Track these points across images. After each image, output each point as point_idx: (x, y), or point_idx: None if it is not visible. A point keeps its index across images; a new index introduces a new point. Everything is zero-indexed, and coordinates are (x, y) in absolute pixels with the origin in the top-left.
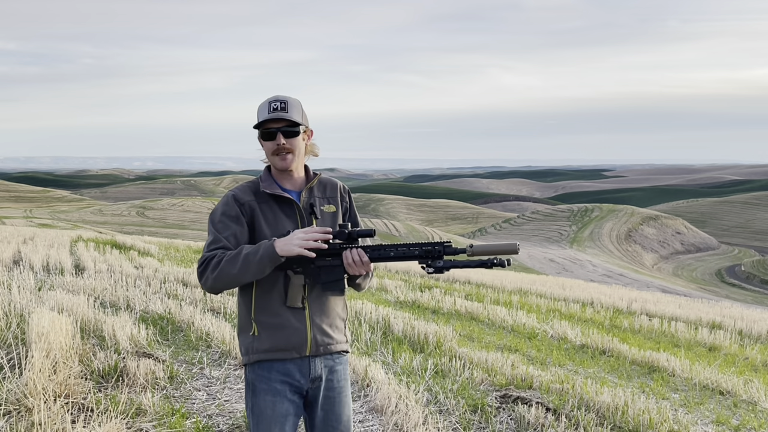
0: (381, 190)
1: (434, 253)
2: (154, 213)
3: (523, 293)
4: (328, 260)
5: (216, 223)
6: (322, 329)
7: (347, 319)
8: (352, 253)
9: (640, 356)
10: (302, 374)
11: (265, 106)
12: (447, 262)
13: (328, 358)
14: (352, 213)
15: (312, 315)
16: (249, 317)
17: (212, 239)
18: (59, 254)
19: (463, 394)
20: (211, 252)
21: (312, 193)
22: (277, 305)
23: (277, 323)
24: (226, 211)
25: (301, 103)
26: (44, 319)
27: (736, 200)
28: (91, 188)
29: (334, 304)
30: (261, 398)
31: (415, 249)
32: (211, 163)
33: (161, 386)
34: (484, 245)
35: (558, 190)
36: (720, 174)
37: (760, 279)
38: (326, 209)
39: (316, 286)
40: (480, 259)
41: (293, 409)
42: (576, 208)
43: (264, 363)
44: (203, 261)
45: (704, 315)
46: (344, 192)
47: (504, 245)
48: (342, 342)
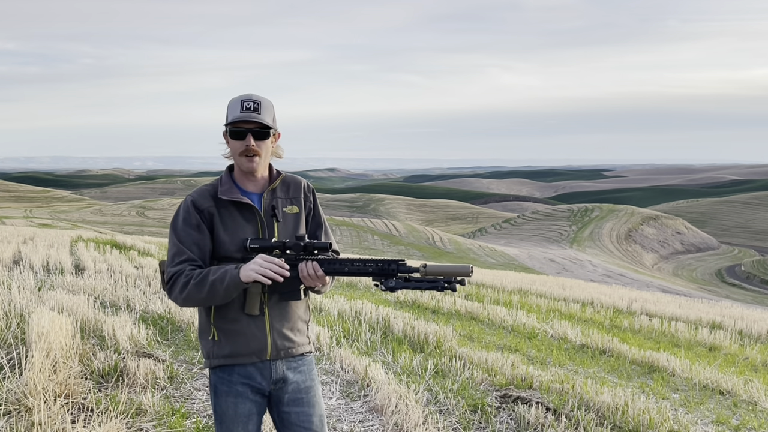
0: (381, 190)
1: (388, 271)
2: (154, 213)
3: (523, 293)
4: None
5: (178, 232)
6: (283, 334)
7: (310, 321)
8: (307, 266)
9: (640, 356)
10: (263, 377)
11: (237, 103)
12: (399, 282)
13: (290, 361)
14: (316, 212)
15: (272, 320)
16: (209, 322)
17: (175, 251)
18: (59, 254)
19: (463, 394)
20: (176, 267)
21: (275, 194)
22: (235, 312)
23: (237, 329)
24: (186, 218)
25: (273, 105)
26: (44, 319)
27: (736, 200)
28: (91, 188)
29: (295, 308)
30: (223, 399)
31: (369, 266)
32: (211, 163)
33: (161, 386)
34: (437, 266)
35: (558, 190)
36: (720, 174)
37: (760, 279)
38: (288, 210)
39: (274, 294)
40: (434, 279)
41: (256, 408)
42: (576, 208)
43: (225, 367)
44: (171, 277)
45: (704, 315)
46: (308, 191)
47: (457, 267)
48: (304, 344)
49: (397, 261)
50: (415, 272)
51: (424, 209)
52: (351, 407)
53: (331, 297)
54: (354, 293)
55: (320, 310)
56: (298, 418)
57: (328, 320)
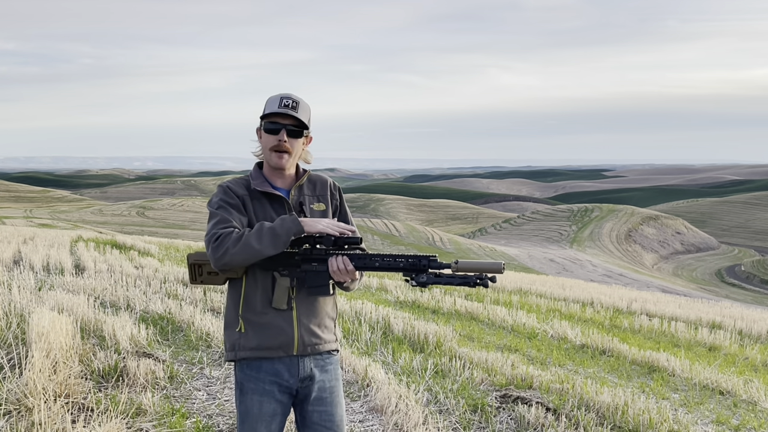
0: (381, 190)
1: (419, 266)
2: (154, 213)
3: (523, 293)
4: (314, 265)
5: (220, 207)
6: (310, 329)
7: (337, 318)
8: (337, 261)
9: (640, 356)
10: (291, 374)
11: (276, 99)
12: (430, 278)
13: (317, 358)
14: (342, 211)
15: (300, 315)
16: (236, 314)
17: (219, 218)
18: (59, 254)
19: (463, 394)
20: (223, 229)
21: (302, 191)
22: (264, 305)
23: (264, 322)
24: (225, 198)
25: (311, 109)
26: (44, 319)
27: (736, 200)
28: (91, 188)
29: (323, 303)
30: (249, 397)
31: (400, 261)
32: (211, 163)
33: (161, 386)
34: (469, 262)
35: (558, 190)
36: (720, 174)
37: (760, 279)
38: (316, 207)
39: (303, 288)
40: (465, 275)
41: (281, 408)
42: (576, 208)
43: (253, 362)
44: (218, 236)
45: (704, 315)
46: (334, 189)
47: (489, 263)
48: (331, 341)
49: (428, 257)
50: (447, 268)
51: (424, 209)
52: (351, 407)
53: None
54: (354, 293)
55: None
56: (321, 417)
57: None
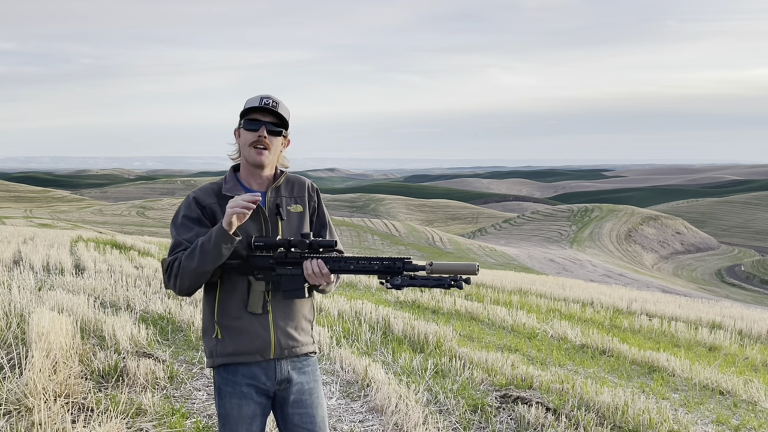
0: (381, 190)
1: (394, 269)
2: (154, 213)
3: (523, 293)
4: (289, 269)
5: (177, 227)
6: (287, 332)
7: (314, 320)
8: (312, 264)
9: (640, 356)
10: (268, 377)
11: (256, 99)
12: (405, 280)
13: (294, 361)
14: (320, 213)
15: (276, 319)
16: (212, 320)
17: (174, 243)
18: (59, 254)
19: (463, 394)
20: (172, 256)
21: (279, 192)
22: (239, 310)
23: (240, 327)
24: (187, 213)
25: (290, 112)
26: (44, 319)
27: (736, 200)
28: (91, 188)
29: (299, 306)
30: (227, 401)
31: (375, 264)
32: (211, 163)
33: (161, 386)
34: (443, 263)
35: (558, 190)
36: (720, 174)
37: (760, 279)
38: (293, 209)
39: (278, 292)
40: (440, 277)
41: (260, 409)
42: (576, 208)
43: (229, 366)
44: (167, 266)
45: (704, 315)
46: (312, 191)
47: (463, 265)
48: (308, 344)
49: (402, 259)
50: (421, 270)
51: (424, 209)
52: (351, 407)
53: (332, 297)
54: (354, 293)
55: (320, 310)
56: (302, 419)
57: (328, 320)
